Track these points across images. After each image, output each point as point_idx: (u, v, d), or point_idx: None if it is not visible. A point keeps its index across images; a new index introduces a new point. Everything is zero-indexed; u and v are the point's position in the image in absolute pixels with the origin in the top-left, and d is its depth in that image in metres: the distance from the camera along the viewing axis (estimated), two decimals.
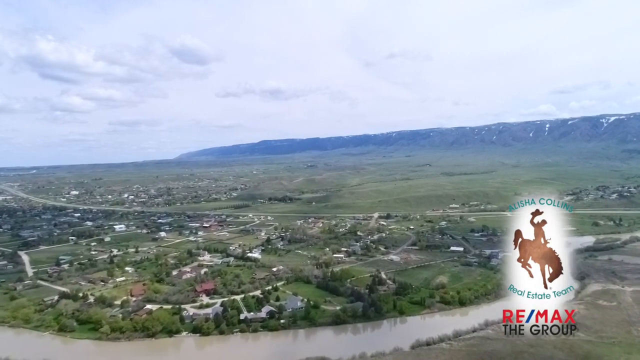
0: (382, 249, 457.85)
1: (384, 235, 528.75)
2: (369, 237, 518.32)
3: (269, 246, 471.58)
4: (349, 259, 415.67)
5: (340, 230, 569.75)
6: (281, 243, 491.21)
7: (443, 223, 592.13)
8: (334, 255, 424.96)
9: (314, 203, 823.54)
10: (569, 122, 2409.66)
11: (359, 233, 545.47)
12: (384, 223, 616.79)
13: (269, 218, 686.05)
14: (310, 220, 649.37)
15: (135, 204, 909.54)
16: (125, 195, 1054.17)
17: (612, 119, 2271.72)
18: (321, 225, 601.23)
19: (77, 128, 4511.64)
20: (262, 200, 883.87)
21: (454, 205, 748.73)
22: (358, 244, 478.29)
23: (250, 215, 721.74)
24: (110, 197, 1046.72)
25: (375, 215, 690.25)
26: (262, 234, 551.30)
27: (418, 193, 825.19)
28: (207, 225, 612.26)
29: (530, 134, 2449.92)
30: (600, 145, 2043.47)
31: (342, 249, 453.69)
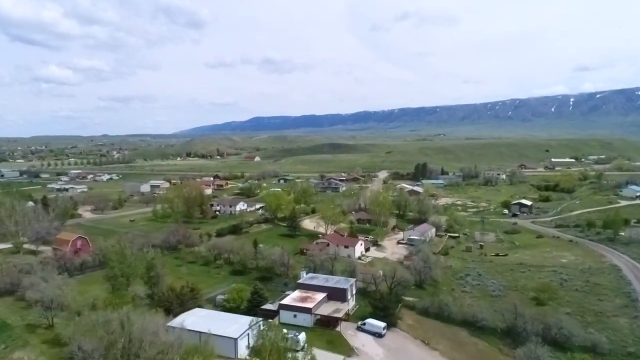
0: None
1: (457, 235, 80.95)
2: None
3: None
4: None
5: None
6: None
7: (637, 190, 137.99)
8: None
9: (257, 158, 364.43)
10: (598, 96, 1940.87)
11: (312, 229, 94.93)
12: (413, 188, 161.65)
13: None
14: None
15: None
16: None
17: None
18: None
19: (67, 104, 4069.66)
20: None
21: (559, 159, 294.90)
22: None
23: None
24: None
25: (382, 173, 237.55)
26: None
27: (468, 142, 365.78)
28: None
29: (552, 109, 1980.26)
30: None
31: None
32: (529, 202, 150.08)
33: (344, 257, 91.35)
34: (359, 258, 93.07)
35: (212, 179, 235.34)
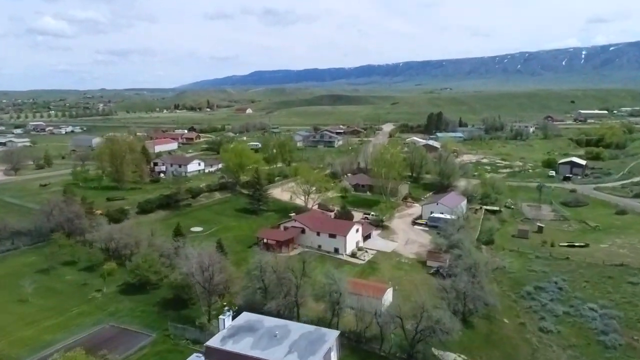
0: None
1: (497, 209, 67.64)
2: None
3: None
4: None
5: None
6: None
7: None
8: None
9: (249, 111, 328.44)
10: (611, 49, 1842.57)
11: None
12: (428, 142, 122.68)
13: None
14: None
15: None
16: None
17: None
18: None
19: (64, 57, 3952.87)
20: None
21: (588, 111, 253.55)
22: None
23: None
24: None
25: (387, 126, 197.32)
26: None
27: (482, 93, 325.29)
28: None
29: (563, 63, 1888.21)
30: None
31: None
32: (582, 161, 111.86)
33: (328, 255, 54.94)
34: (353, 254, 56.71)
35: (185, 131, 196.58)
